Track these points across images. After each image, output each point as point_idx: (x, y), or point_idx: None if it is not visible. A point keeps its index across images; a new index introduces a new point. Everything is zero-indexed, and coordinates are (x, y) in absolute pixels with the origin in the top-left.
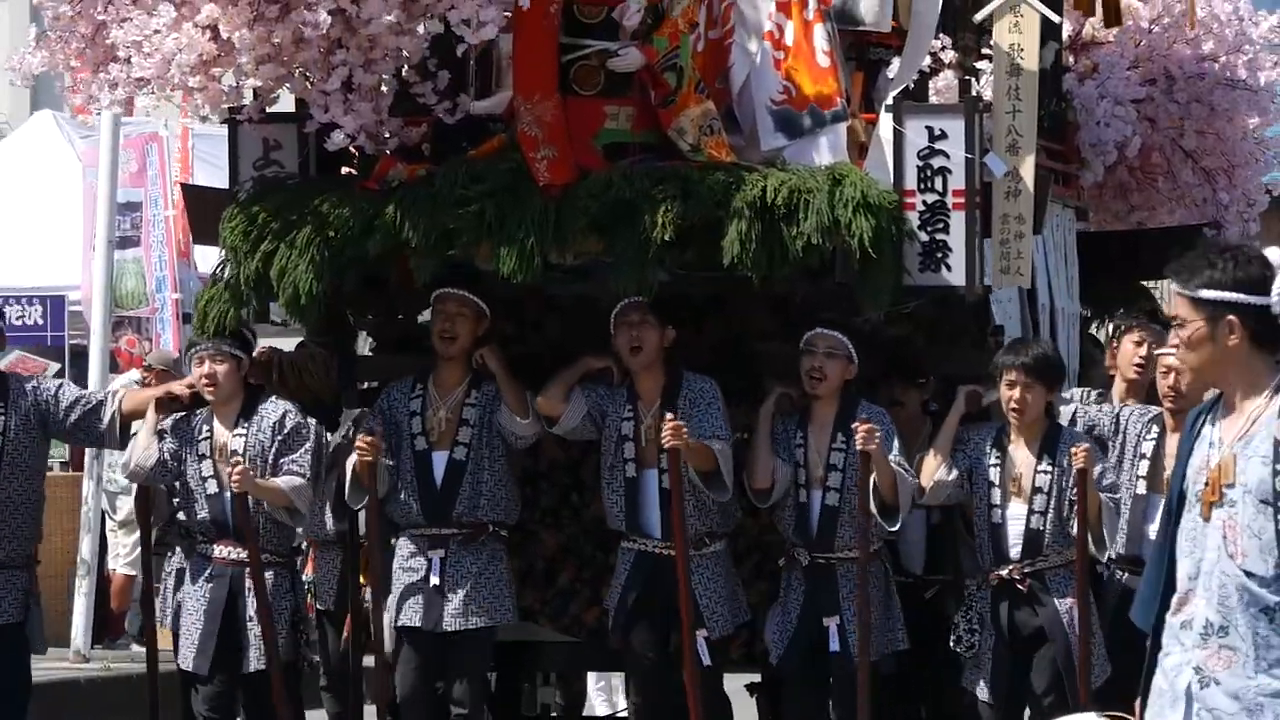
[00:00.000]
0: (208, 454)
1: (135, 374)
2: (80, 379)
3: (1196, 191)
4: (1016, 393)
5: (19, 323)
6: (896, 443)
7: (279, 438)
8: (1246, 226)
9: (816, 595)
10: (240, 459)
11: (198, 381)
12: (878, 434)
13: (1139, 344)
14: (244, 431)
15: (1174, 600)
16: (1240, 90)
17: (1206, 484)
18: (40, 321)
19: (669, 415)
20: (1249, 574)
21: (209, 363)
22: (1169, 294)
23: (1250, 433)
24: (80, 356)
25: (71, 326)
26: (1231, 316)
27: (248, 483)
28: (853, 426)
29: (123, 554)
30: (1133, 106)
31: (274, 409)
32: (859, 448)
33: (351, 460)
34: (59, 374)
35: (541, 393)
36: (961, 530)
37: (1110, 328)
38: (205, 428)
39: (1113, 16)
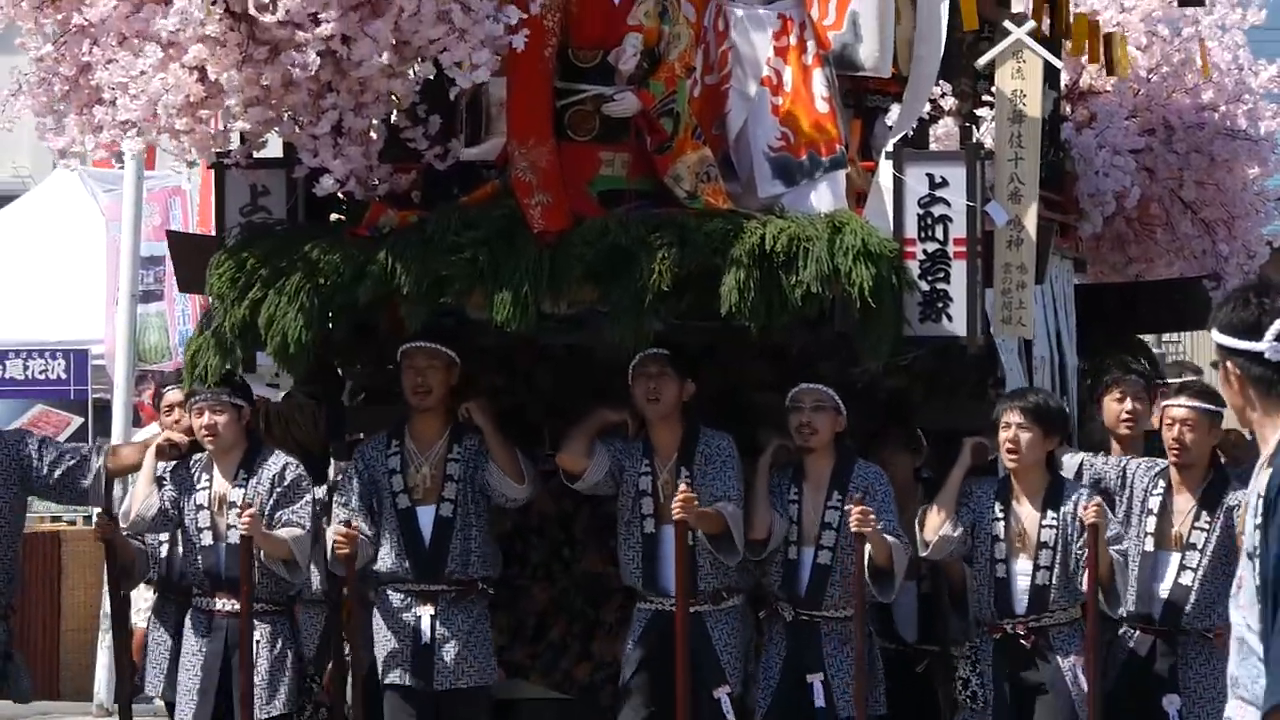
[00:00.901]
0: (205, 504)
1: (156, 428)
2: (103, 433)
3: (1196, 243)
4: (1011, 433)
5: (42, 376)
6: (894, 507)
7: (278, 490)
8: (1246, 278)
9: (800, 651)
10: (250, 505)
11: (198, 432)
12: (872, 517)
13: (1120, 399)
14: (243, 483)
15: None
16: (1240, 140)
17: None
18: (63, 375)
19: (681, 485)
20: None
21: (209, 413)
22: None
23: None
24: (103, 411)
25: (95, 381)
26: (1228, 362)
27: (255, 529)
28: (847, 508)
29: (144, 607)
30: (1131, 157)
31: (275, 462)
32: (853, 529)
33: (332, 539)
34: (81, 428)
35: (563, 448)
36: (948, 604)
37: (1089, 388)
38: (204, 476)
39: (1115, 65)
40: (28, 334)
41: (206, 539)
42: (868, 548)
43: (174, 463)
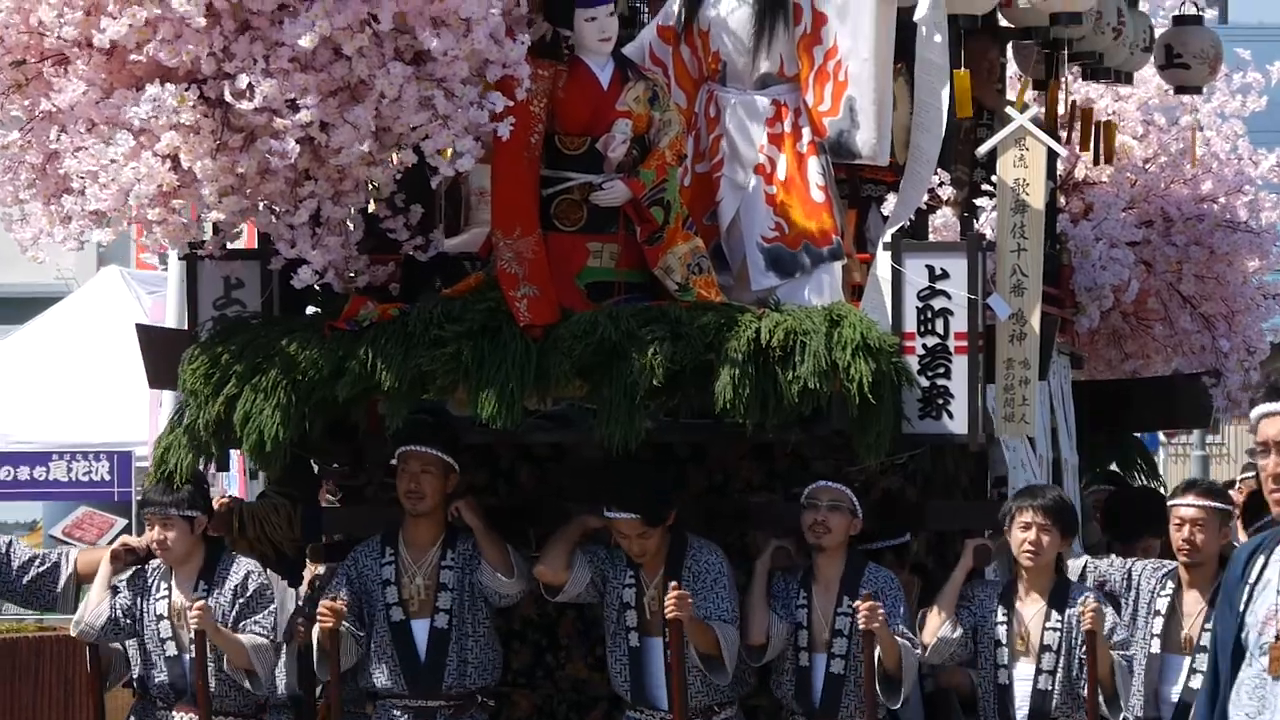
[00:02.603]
0: (165, 614)
1: None
2: None
3: (1195, 338)
4: (1032, 534)
5: (85, 478)
6: (904, 610)
7: (240, 600)
8: (1247, 375)
9: None
10: (200, 599)
11: (149, 544)
12: (880, 612)
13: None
14: (205, 593)
15: None
16: (1241, 232)
17: (1277, 636)
18: (107, 477)
19: (674, 583)
20: None
21: (159, 527)
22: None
23: None
24: None
25: (139, 482)
26: None
27: (207, 622)
28: (854, 605)
29: None
30: (1129, 249)
31: (237, 570)
32: (861, 626)
33: (317, 629)
34: (126, 530)
35: (541, 559)
36: (958, 709)
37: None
38: (163, 585)
39: (1105, 155)
40: (72, 436)
41: (170, 649)
42: (877, 650)
43: (132, 569)
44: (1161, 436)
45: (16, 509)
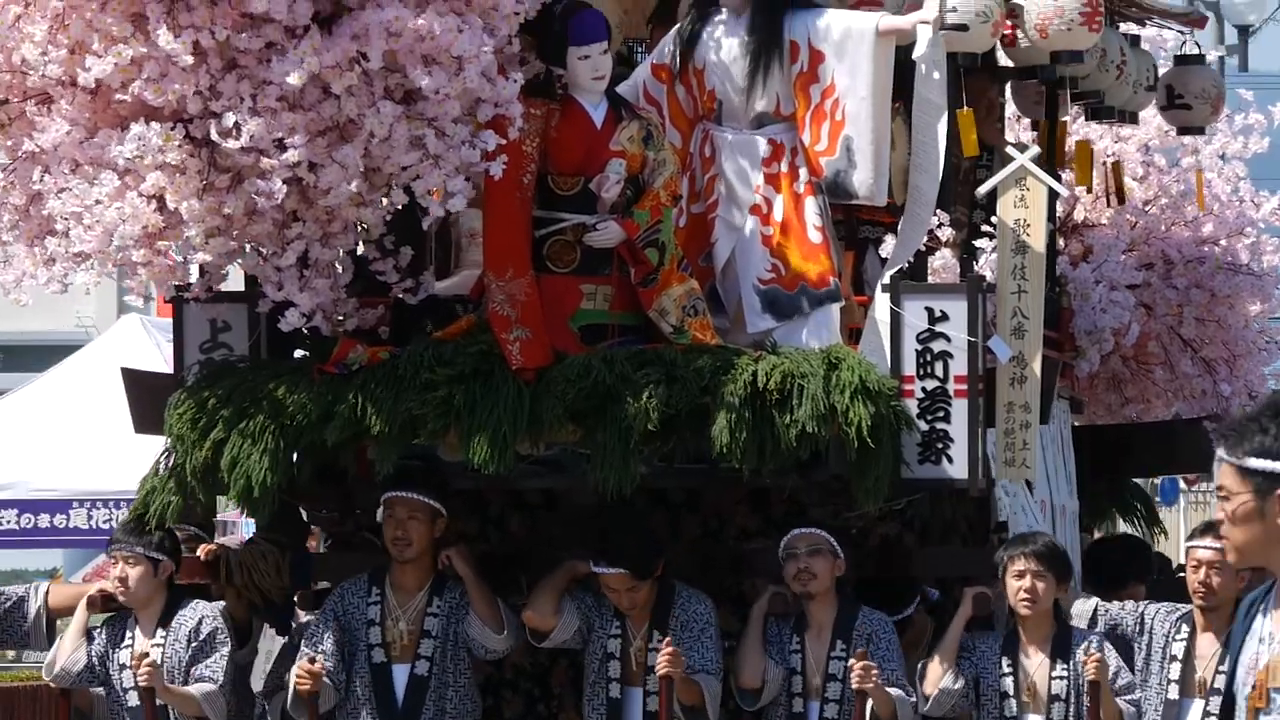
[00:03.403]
0: (128, 663)
1: None
2: None
3: (1196, 383)
4: (1027, 582)
5: (106, 526)
6: (900, 656)
7: (194, 644)
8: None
9: None
10: (146, 655)
11: (111, 582)
12: (875, 671)
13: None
14: (162, 640)
15: None
16: (1243, 275)
17: (1254, 687)
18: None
19: (666, 638)
20: None
21: (122, 564)
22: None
23: None
24: None
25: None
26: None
27: (156, 681)
28: (849, 664)
29: None
30: (1130, 292)
31: (191, 615)
32: (854, 686)
33: (295, 669)
34: None
35: (529, 605)
36: None
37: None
38: (129, 634)
39: (1117, 196)
40: (92, 483)
41: (133, 699)
42: (869, 703)
43: (109, 615)
44: (1182, 483)
45: (37, 557)
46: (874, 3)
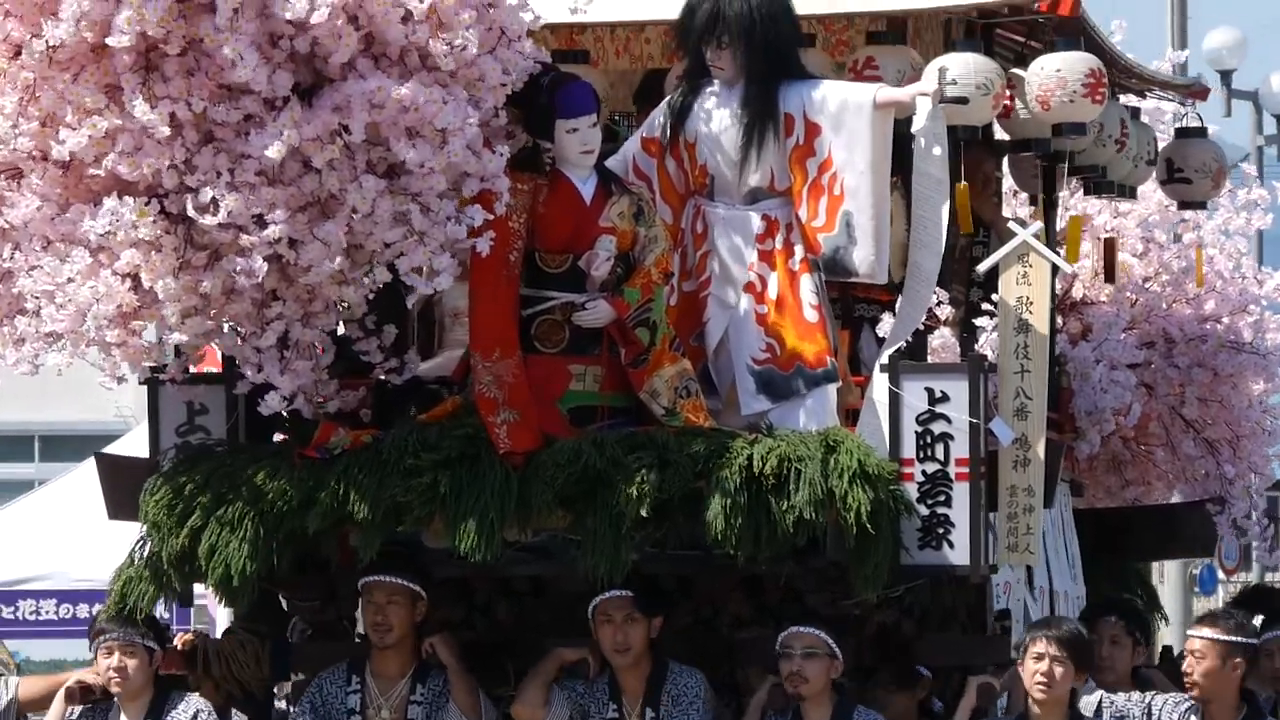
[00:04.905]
0: None
1: None
2: None
3: (1199, 464)
4: (1044, 665)
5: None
6: None
7: None
8: (1253, 503)
9: None
10: None
11: (104, 673)
12: None
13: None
14: None
15: None
16: (1246, 354)
17: None
18: (165, 615)
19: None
20: None
21: (119, 654)
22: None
23: None
24: None
25: (198, 620)
26: None
27: None
28: None
29: None
30: (1131, 371)
31: (185, 709)
32: None
33: None
34: None
35: (518, 699)
36: None
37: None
38: None
39: (1107, 273)
40: None
41: None
42: None
43: (85, 707)
44: (1221, 573)
45: (75, 647)
46: (871, 75)
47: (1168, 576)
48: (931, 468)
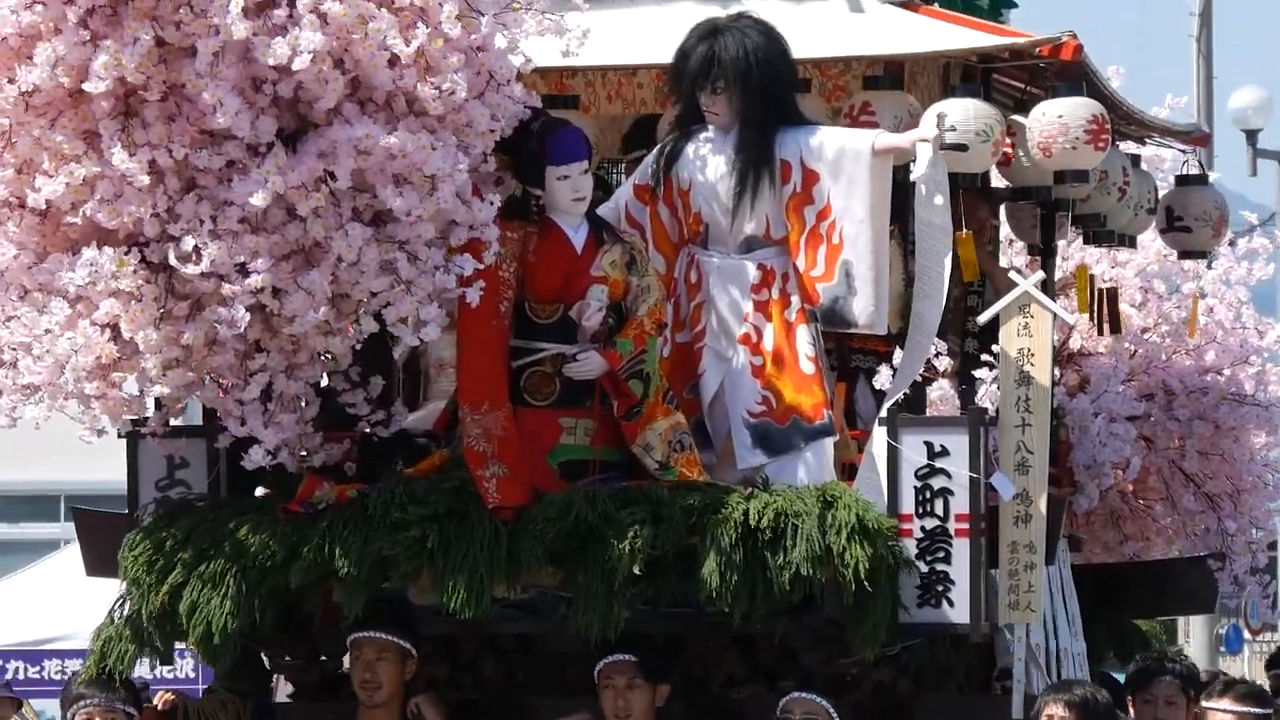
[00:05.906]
0: None
1: None
2: None
3: (1199, 519)
4: None
5: (170, 676)
6: None
7: None
8: (1255, 559)
9: None
10: None
11: None
12: None
13: None
14: None
15: None
16: (1247, 406)
17: None
18: (192, 675)
19: None
20: None
21: (99, 719)
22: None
23: None
24: None
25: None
26: None
27: None
28: None
29: None
30: (1129, 424)
31: None
32: None
33: None
34: None
35: None
36: None
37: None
38: None
39: (1111, 325)
40: None
41: None
42: None
43: None
44: (1246, 633)
45: None
46: (867, 120)
47: (1194, 636)
48: (931, 523)
